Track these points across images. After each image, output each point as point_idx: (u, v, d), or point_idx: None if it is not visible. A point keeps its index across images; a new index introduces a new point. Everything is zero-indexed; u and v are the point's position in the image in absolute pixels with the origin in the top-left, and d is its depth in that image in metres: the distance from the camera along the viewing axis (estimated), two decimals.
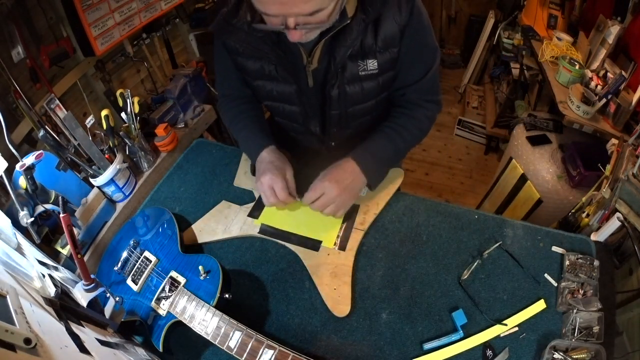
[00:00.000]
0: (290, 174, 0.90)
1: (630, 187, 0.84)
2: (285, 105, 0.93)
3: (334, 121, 0.93)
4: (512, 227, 0.94)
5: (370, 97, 0.89)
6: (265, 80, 0.89)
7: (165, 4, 1.40)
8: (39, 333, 0.51)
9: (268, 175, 0.86)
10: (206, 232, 0.98)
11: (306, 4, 0.61)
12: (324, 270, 0.87)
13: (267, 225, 0.97)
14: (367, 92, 0.87)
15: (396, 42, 0.80)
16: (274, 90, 0.89)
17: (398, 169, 1.03)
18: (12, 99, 1.01)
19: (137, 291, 0.86)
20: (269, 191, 0.86)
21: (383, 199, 0.98)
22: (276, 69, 0.84)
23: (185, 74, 1.44)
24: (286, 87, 0.87)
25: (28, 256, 0.74)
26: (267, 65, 0.85)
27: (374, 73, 0.83)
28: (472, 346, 0.76)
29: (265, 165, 0.90)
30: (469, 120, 2.80)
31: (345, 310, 0.81)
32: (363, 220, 0.95)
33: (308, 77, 0.85)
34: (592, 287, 0.80)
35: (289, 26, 0.65)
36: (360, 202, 0.98)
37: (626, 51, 1.57)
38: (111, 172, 1.03)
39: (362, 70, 0.82)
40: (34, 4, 1.06)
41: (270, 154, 0.92)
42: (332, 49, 0.79)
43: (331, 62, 0.81)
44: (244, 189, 1.08)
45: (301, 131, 1.02)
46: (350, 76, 0.83)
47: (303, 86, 0.87)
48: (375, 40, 0.79)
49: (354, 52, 0.79)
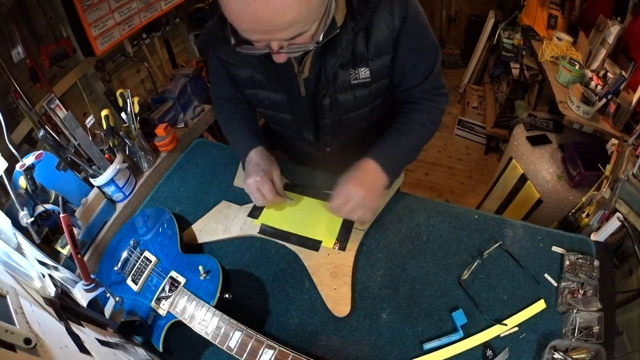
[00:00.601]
0: (277, 175, 0.91)
1: (630, 187, 0.84)
2: (278, 114, 0.93)
3: (327, 129, 0.93)
4: (512, 227, 0.94)
5: (363, 105, 0.88)
6: (256, 88, 0.88)
7: (165, 4, 1.40)
8: (39, 333, 0.51)
9: (254, 177, 0.88)
10: (206, 232, 0.98)
11: (286, 30, 0.60)
12: (324, 271, 0.87)
13: (267, 225, 0.97)
14: (360, 100, 0.86)
15: (389, 49, 0.78)
16: (265, 99, 0.89)
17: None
18: (12, 99, 1.01)
19: (137, 291, 0.86)
20: (257, 193, 0.88)
21: (383, 199, 0.98)
22: (266, 78, 0.84)
23: (185, 74, 1.44)
24: (277, 96, 0.87)
25: (28, 256, 0.74)
26: (257, 74, 0.84)
27: (366, 81, 0.82)
28: (472, 346, 0.76)
29: (252, 167, 0.91)
30: (469, 120, 2.80)
31: (345, 311, 0.81)
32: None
33: (300, 86, 0.84)
34: (592, 287, 0.80)
35: (272, 50, 0.64)
36: None
37: (626, 51, 1.57)
38: (111, 172, 1.03)
39: (354, 78, 0.81)
40: (34, 4, 1.06)
41: (257, 155, 0.92)
42: (323, 58, 0.78)
43: (322, 71, 0.79)
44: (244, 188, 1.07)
45: (295, 138, 1.01)
46: (342, 85, 0.82)
47: (295, 95, 0.86)
48: (366, 48, 0.77)
49: (345, 60, 0.78)
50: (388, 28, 0.75)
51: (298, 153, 1.10)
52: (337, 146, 0.99)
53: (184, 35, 1.66)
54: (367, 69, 0.80)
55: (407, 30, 0.76)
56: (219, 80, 0.99)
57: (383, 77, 0.83)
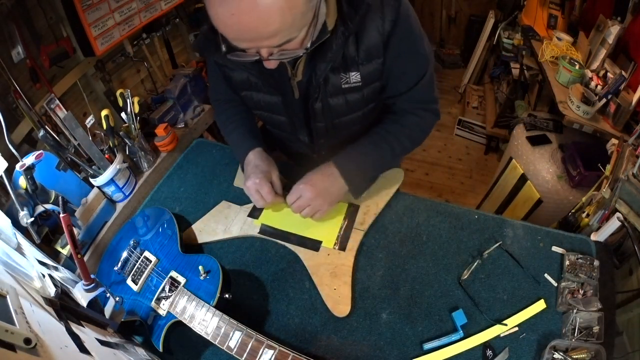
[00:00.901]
0: (276, 176, 0.91)
1: (630, 187, 0.84)
2: (274, 115, 0.93)
3: (321, 132, 0.93)
4: (512, 227, 0.94)
5: (355, 109, 0.88)
6: (252, 91, 0.89)
7: (165, 4, 1.40)
8: (39, 333, 0.51)
9: (253, 179, 0.88)
10: (206, 232, 0.98)
11: (273, 37, 0.60)
12: (324, 271, 0.87)
13: (267, 226, 0.97)
14: (352, 104, 0.86)
15: (380, 53, 0.78)
16: (261, 101, 0.89)
17: (398, 169, 1.03)
18: (12, 99, 1.01)
19: (137, 291, 0.86)
20: (256, 195, 0.88)
21: (383, 199, 0.98)
22: (261, 81, 0.84)
23: (185, 74, 1.44)
24: (272, 98, 0.87)
25: (28, 256, 0.74)
26: (252, 77, 0.85)
27: (357, 85, 0.82)
28: (472, 346, 0.76)
29: (250, 168, 0.91)
30: (469, 120, 2.80)
31: (345, 311, 0.81)
32: (363, 220, 0.95)
33: (294, 89, 0.84)
34: (592, 287, 0.80)
35: (262, 56, 0.64)
36: (361, 203, 0.98)
37: (626, 51, 1.57)
38: (111, 172, 1.03)
39: (344, 82, 0.81)
40: (34, 4, 1.06)
41: (255, 157, 0.92)
42: (314, 62, 0.78)
43: (312, 76, 0.79)
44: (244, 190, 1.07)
45: (292, 139, 1.01)
46: (332, 89, 0.82)
47: (289, 97, 0.86)
48: (357, 52, 0.77)
49: (336, 64, 0.77)
50: (379, 32, 0.75)
51: (295, 154, 1.10)
52: (333, 149, 0.99)
53: (184, 35, 1.67)
54: (358, 73, 0.80)
55: (397, 33, 0.76)
56: (217, 82, 0.99)
57: (374, 81, 0.83)
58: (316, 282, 0.86)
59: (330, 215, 0.94)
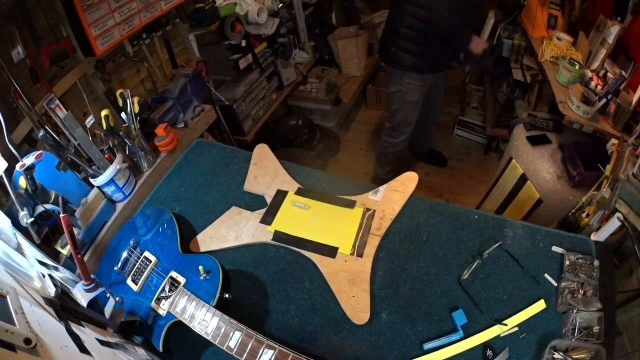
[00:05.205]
0: None
1: (630, 187, 0.84)
2: None
3: None
4: (512, 227, 0.94)
5: None
6: None
7: (165, 4, 1.40)
8: (39, 333, 0.51)
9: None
10: (217, 240, 0.96)
11: None
12: (342, 278, 0.85)
13: (280, 232, 0.95)
14: None
15: None
16: None
17: (412, 172, 1.03)
18: (12, 99, 1.01)
19: (137, 291, 0.86)
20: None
21: (399, 203, 0.97)
22: None
23: (185, 74, 1.44)
24: None
25: (28, 256, 0.74)
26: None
27: None
28: (472, 346, 0.76)
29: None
30: (469, 120, 2.80)
31: (365, 318, 0.80)
32: (379, 225, 0.94)
33: None
34: (592, 287, 0.80)
35: None
36: (376, 207, 0.97)
37: (626, 51, 1.57)
38: (111, 172, 1.03)
39: None
40: (34, 4, 1.06)
41: None
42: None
43: None
44: (255, 193, 1.06)
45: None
46: None
47: None
48: None
49: None
50: None
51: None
52: None
53: (184, 35, 1.66)
54: None
55: None
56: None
57: None
58: (334, 289, 0.84)
59: (346, 220, 0.93)
